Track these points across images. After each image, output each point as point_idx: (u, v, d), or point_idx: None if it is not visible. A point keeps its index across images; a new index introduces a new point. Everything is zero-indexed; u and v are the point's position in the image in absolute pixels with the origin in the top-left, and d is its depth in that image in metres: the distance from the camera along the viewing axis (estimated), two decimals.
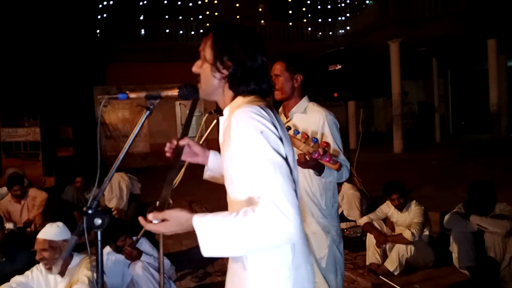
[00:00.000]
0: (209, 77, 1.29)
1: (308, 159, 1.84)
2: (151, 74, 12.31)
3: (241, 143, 1.14)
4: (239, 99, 1.27)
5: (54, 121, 10.51)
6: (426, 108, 16.34)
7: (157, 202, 1.15)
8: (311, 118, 2.24)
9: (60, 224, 2.74)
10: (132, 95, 1.60)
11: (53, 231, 2.67)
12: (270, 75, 1.28)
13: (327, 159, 1.81)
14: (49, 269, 2.63)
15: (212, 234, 1.06)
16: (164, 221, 1.11)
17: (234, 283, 1.27)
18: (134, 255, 2.97)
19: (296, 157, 1.89)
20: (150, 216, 1.12)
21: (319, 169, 1.98)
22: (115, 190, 4.36)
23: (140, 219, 1.14)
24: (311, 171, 2.11)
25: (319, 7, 14.93)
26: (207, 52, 1.29)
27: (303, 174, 2.20)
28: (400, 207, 3.94)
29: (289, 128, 1.85)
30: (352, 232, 4.51)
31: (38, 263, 2.81)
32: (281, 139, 1.15)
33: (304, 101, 2.31)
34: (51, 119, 10.34)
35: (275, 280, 1.18)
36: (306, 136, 1.85)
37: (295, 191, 1.10)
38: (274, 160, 1.09)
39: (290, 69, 2.27)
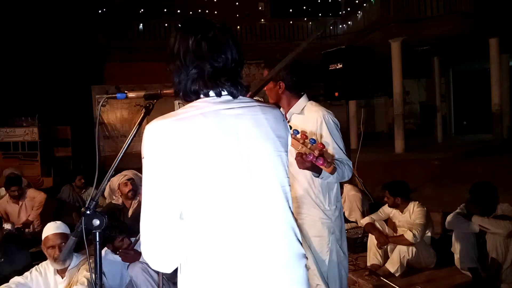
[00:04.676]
0: None
1: (304, 159, 1.80)
2: (149, 73, 12.23)
3: None
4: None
5: (52, 120, 10.49)
6: (427, 108, 16.29)
7: None
8: (308, 118, 2.19)
9: (58, 222, 2.79)
10: (131, 95, 1.57)
11: (57, 225, 2.72)
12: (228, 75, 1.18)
13: (321, 162, 1.77)
14: (56, 260, 2.65)
15: None
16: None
17: None
18: (130, 256, 2.93)
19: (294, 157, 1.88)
20: None
21: (316, 170, 1.94)
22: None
23: None
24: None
25: (319, 5, 14.89)
26: None
27: (305, 176, 2.16)
28: (393, 207, 3.93)
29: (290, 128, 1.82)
30: (353, 233, 4.47)
31: (38, 264, 2.80)
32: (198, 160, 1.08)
33: (302, 101, 2.25)
34: (49, 118, 10.32)
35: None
36: (305, 136, 1.82)
37: (172, 215, 1.07)
38: (145, 188, 1.08)
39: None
